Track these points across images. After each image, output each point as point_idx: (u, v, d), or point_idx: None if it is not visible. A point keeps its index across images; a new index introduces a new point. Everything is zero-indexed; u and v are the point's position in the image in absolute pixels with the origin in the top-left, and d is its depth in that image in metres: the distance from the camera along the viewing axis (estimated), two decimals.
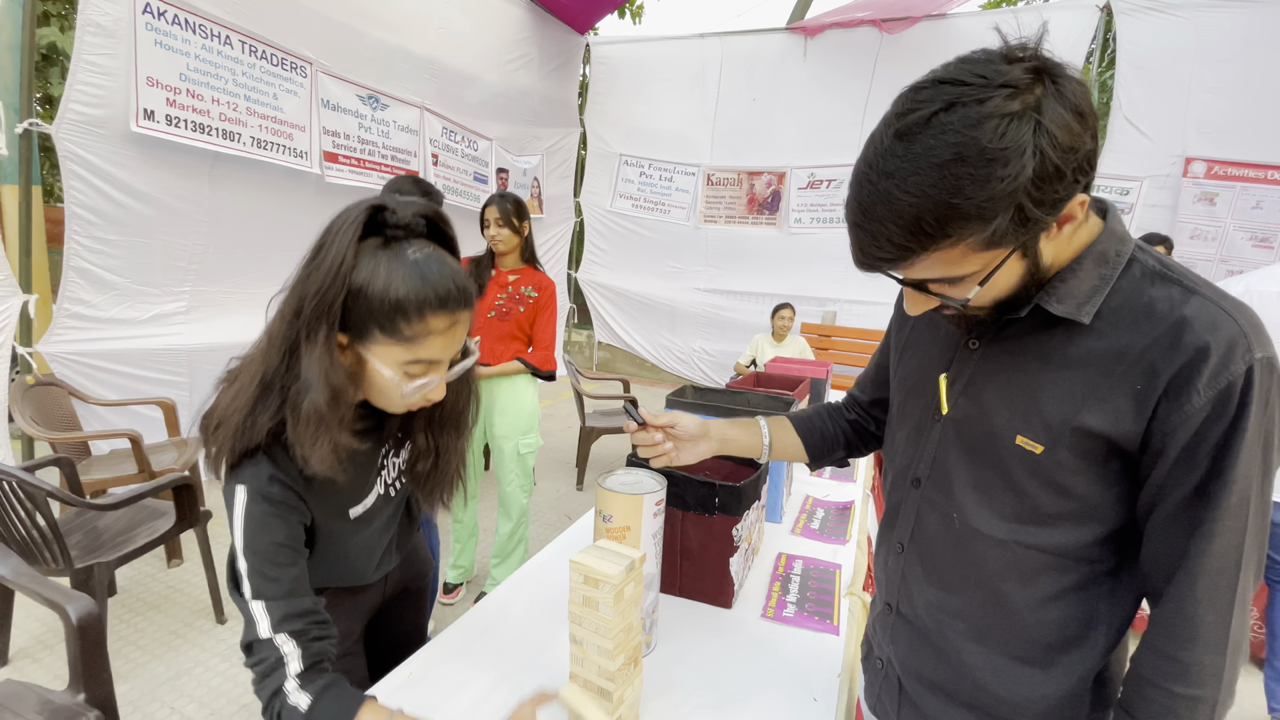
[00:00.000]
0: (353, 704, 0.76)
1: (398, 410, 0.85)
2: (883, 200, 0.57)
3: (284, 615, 0.77)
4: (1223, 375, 0.58)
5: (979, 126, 0.53)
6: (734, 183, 6.30)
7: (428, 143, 4.80)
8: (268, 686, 0.75)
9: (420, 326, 0.75)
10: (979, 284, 0.62)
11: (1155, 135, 4.93)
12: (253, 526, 0.77)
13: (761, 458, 1.06)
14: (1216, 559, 0.61)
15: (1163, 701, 0.64)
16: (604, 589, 0.82)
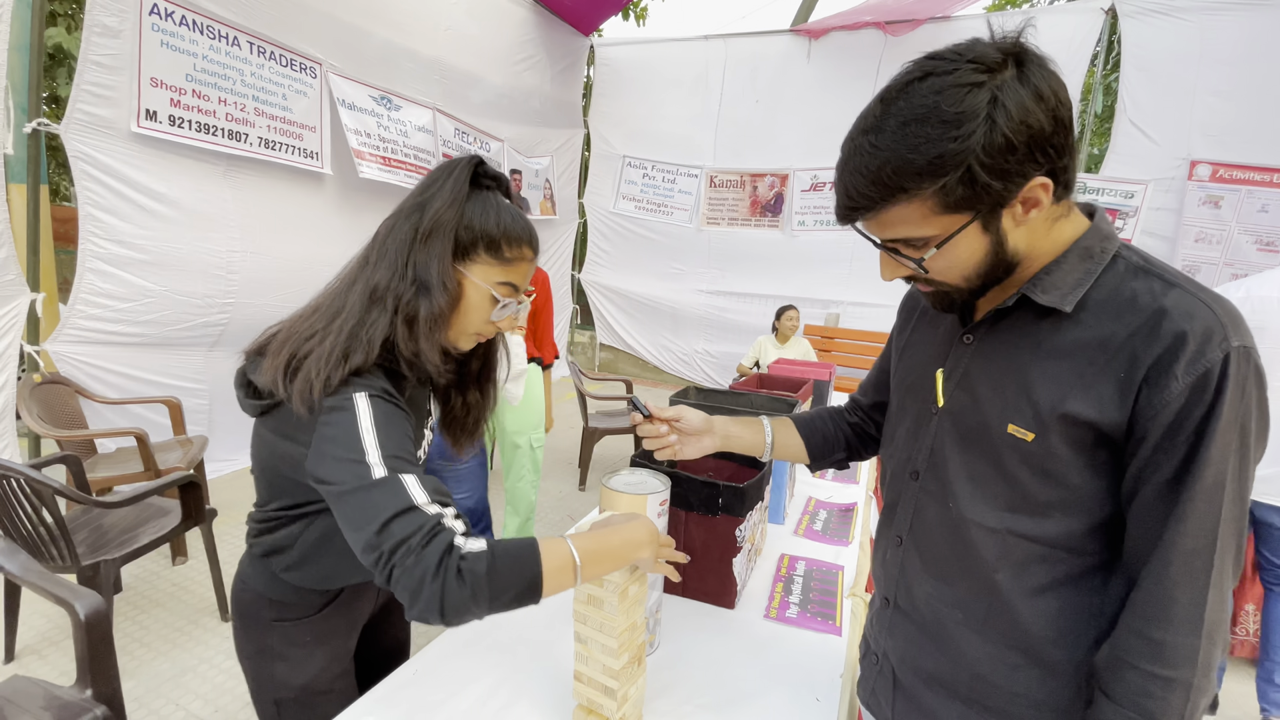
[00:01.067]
0: (528, 540, 0.75)
1: (469, 340, 0.95)
2: (857, 153, 0.65)
3: (434, 490, 0.74)
4: (1200, 362, 0.61)
5: (942, 93, 0.60)
6: (737, 185, 6.30)
7: (441, 143, 4.81)
8: (434, 549, 0.68)
9: (517, 252, 0.91)
10: (936, 246, 0.67)
11: (1160, 138, 4.92)
12: (382, 419, 0.77)
13: (764, 456, 1.08)
14: (1190, 539, 0.63)
15: (1138, 681, 0.65)
16: (608, 588, 0.82)
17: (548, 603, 1.20)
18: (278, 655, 0.97)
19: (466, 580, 0.68)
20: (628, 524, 0.85)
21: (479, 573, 0.68)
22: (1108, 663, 0.67)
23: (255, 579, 0.97)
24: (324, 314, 0.85)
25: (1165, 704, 0.64)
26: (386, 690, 0.97)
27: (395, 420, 0.79)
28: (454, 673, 1.02)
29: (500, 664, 1.04)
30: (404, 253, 0.86)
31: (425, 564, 0.67)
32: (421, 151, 4.61)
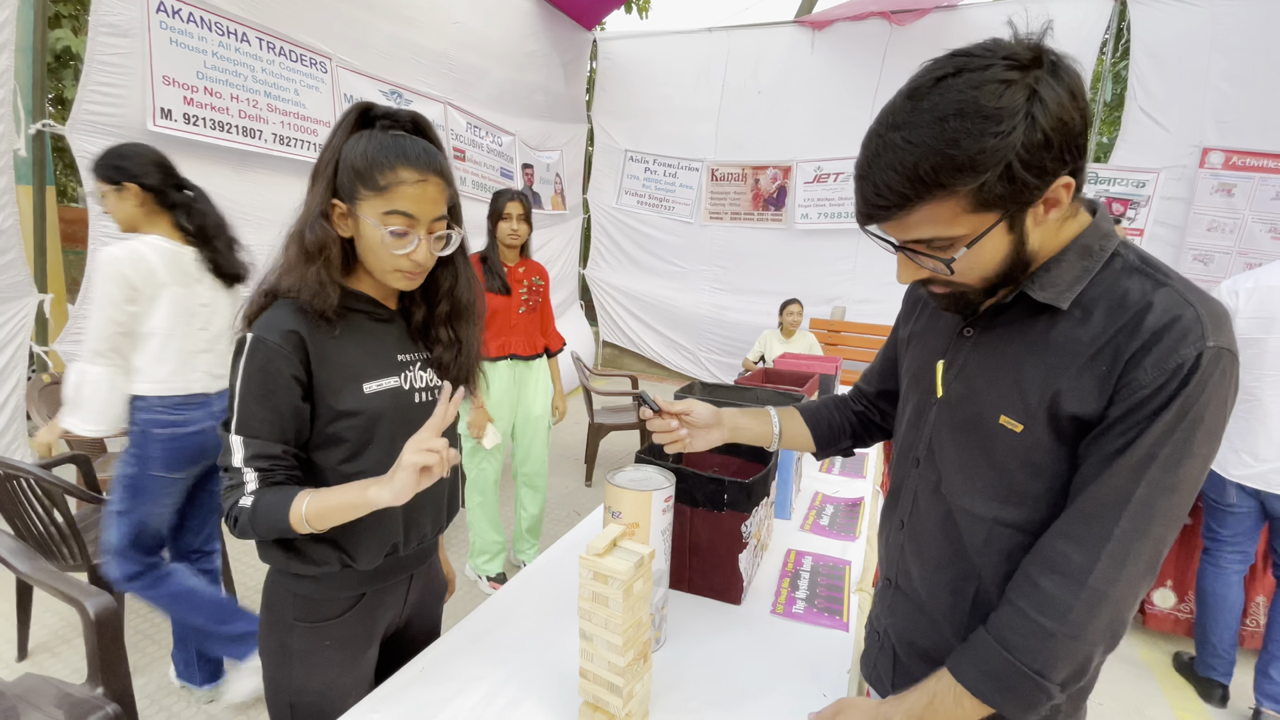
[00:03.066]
0: (288, 494, 0.87)
1: (392, 277, 0.94)
2: (888, 150, 0.63)
3: (255, 453, 0.88)
4: (1173, 356, 0.62)
5: (980, 88, 0.59)
6: (738, 178, 6.25)
7: (452, 138, 4.81)
8: (228, 499, 0.88)
9: (392, 176, 0.88)
10: (966, 246, 0.66)
11: (1172, 126, 4.85)
12: (254, 367, 0.87)
13: (771, 446, 1.10)
14: (1095, 505, 0.66)
15: (1009, 616, 0.70)
16: (613, 585, 0.82)
17: (554, 600, 1.22)
18: (296, 656, 0.97)
19: (240, 525, 0.88)
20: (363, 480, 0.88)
21: (244, 524, 0.88)
22: (1002, 599, 0.72)
23: (279, 574, 0.99)
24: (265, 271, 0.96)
25: (1024, 643, 0.68)
26: (393, 688, 0.98)
27: (267, 372, 0.87)
28: (460, 670, 1.02)
29: (507, 661, 1.04)
30: (303, 204, 0.93)
31: (224, 506, 0.89)
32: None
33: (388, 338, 1.01)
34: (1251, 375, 2.00)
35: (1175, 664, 2.44)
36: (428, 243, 0.93)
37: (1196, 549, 2.44)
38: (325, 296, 0.90)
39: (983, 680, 0.70)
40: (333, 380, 0.92)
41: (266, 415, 0.88)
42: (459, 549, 3.12)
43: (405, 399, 1.00)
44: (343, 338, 0.94)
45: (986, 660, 0.70)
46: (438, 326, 1.05)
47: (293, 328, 0.89)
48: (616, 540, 0.89)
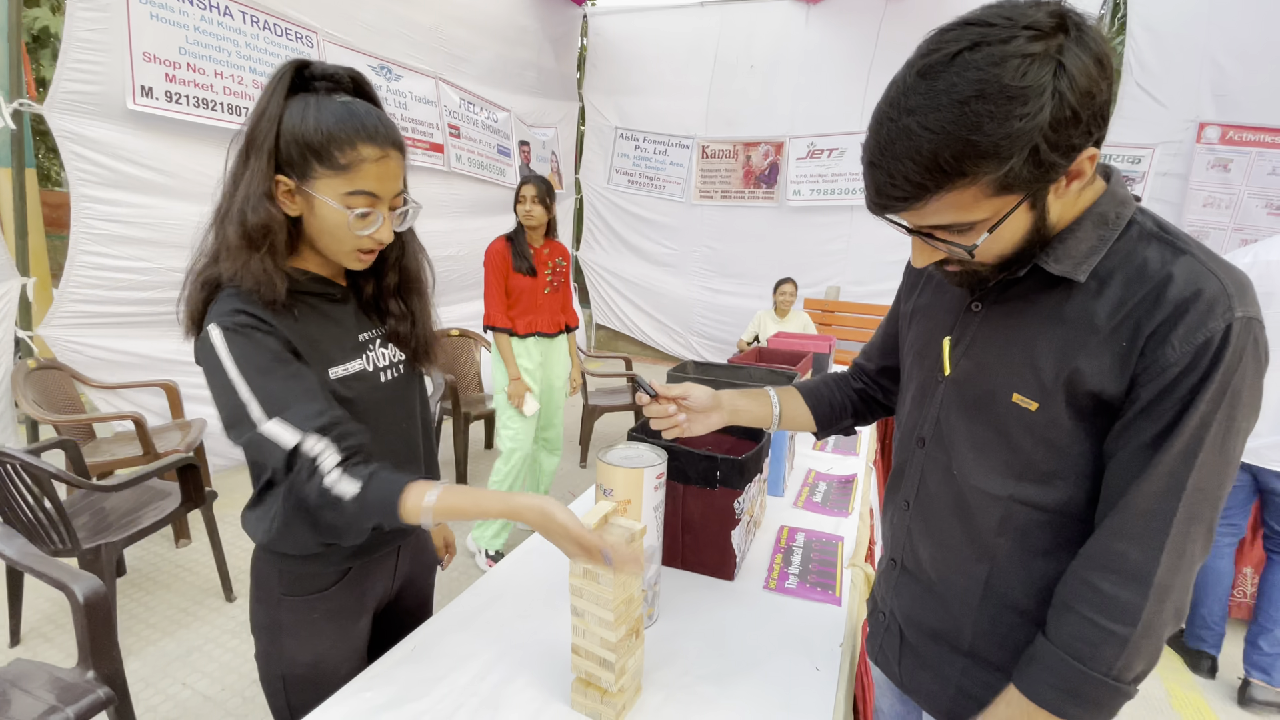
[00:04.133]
0: (399, 483, 0.80)
1: (349, 259, 0.89)
2: (902, 136, 0.58)
3: (303, 418, 0.78)
4: (1200, 331, 0.59)
5: (1002, 65, 0.54)
6: (729, 155, 6.18)
7: (446, 114, 4.71)
8: (312, 490, 0.77)
9: (353, 154, 0.82)
10: (988, 231, 0.63)
11: (1168, 101, 4.81)
12: (240, 350, 0.79)
13: (771, 428, 1.08)
14: (1149, 500, 0.63)
15: (1077, 626, 0.66)
16: None
17: (546, 578, 1.21)
18: (287, 630, 0.97)
19: (337, 515, 0.78)
20: (515, 499, 0.82)
21: (349, 508, 0.77)
22: (1055, 605, 0.69)
23: (265, 551, 0.97)
24: (194, 254, 0.87)
25: (1096, 652, 0.65)
26: (385, 666, 0.97)
27: (256, 342, 0.80)
28: (453, 648, 1.01)
29: (499, 639, 1.04)
30: (233, 176, 0.85)
31: (310, 500, 0.78)
32: (423, 124, 4.52)
33: (345, 318, 0.96)
34: None
35: None
36: (390, 220, 0.89)
37: None
38: (271, 287, 0.82)
39: (1061, 697, 0.66)
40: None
41: (289, 384, 0.79)
42: (454, 530, 3.12)
43: (371, 380, 0.97)
44: (304, 319, 0.88)
45: (1063, 676, 0.66)
46: (388, 299, 1.01)
47: (248, 308, 0.82)
48: (608, 516, 0.88)
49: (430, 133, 4.59)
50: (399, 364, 1.03)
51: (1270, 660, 2.07)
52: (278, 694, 1.00)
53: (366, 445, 0.83)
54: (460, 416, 3.53)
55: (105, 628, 1.38)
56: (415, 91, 4.46)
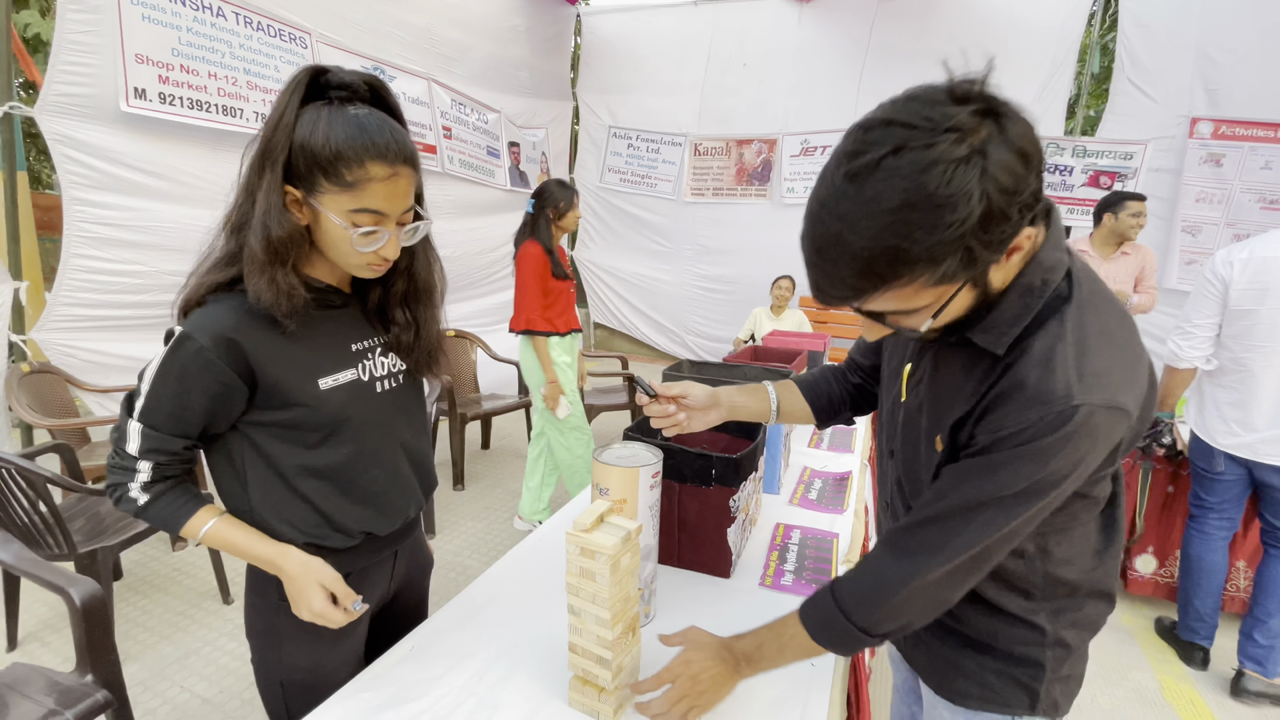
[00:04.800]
0: (191, 504, 0.89)
1: (359, 270, 0.89)
2: (835, 243, 0.60)
3: (154, 447, 0.85)
4: (1028, 413, 0.63)
5: (927, 172, 0.54)
6: (722, 152, 6.17)
7: (438, 115, 4.71)
8: (115, 479, 0.87)
9: (360, 173, 0.80)
10: (932, 316, 0.65)
11: (1160, 96, 4.83)
12: (178, 367, 0.82)
13: (770, 422, 1.11)
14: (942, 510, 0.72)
15: (853, 583, 0.79)
16: (600, 560, 0.82)
17: (543, 578, 1.22)
18: (285, 636, 0.97)
19: (122, 505, 0.88)
20: (287, 550, 0.90)
21: (131, 512, 0.89)
22: (855, 565, 0.81)
23: None
24: (199, 256, 0.88)
25: (857, 607, 0.77)
26: (383, 667, 0.97)
27: (188, 371, 0.82)
28: (450, 648, 1.02)
29: (497, 639, 1.04)
30: (247, 184, 0.84)
31: (109, 483, 0.88)
32: (416, 125, 4.50)
33: (340, 326, 0.95)
34: (1243, 346, 2.01)
35: (1157, 628, 2.49)
36: (397, 236, 0.87)
37: (1177, 515, 2.49)
38: (291, 300, 0.83)
39: (816, 626, 0.81)
40: (285, 378, 0.87)
41: (174, 411, 0.84)
42: (450, 531, 3.12)
43: (365, 391, 0.96)
44: (294, 333, 0.87)
45: (826, 619, 0.79)
46: (394, 307, 0.99)
47: (231, 335, 0.82)
48: (604, 516, 0.88)
49: (423, 134, 4.59)
50: (398, 374, 1.02)
51: (1265, 652, 2.08)
52: (276, 700, 1.00)
53: (186, 474, 0.92)
54: (456, 417, 3.53)
55: (102, 631, 1.38)
56: (408, 92, 4.45)
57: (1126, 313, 0.70)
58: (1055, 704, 0.82)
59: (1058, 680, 0.81)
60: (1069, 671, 0.82)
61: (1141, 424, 0.69)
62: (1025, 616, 0.80)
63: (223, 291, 0.86)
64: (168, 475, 0.89)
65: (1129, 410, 0.63)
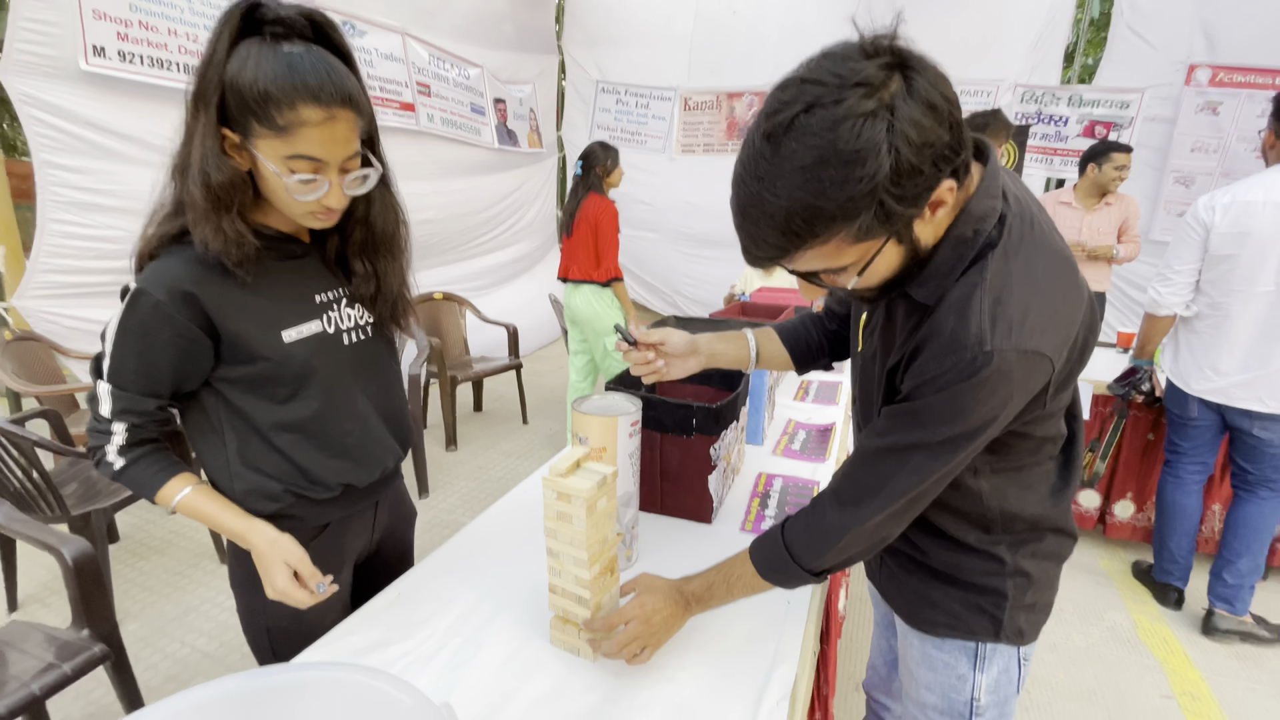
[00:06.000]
0: (166, 471, 0.89)
1: (304, 219, 0.86)
2: (755, 203, 0.60)
3: (125, 408, 0.85)
4: (944, 359, 0.65)
5: (836, 129, 0.55)
6: (712, 106, 6.04)
7: (415, 72, 4.55)
8: (94, 442, 0.87)
9: (292, 116, 0.75)
10: (858, 274, 0.66)
11: (1158, 42, 4.73)
12: (135, 323, 0.81)
13: (749, 369, 1.13)
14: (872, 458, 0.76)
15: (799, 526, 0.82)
16: (576, 503, 0.83)
17: (526, 529, 1.23)
18: None
19: (102, 470, 0.89)
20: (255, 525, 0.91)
21: (109, 476, 0.89)
22: (802, 509, 0.83)
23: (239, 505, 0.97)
24: (151, 206, 0.86)
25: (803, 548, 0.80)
26: (369, 613, 0.99)
27: (149, 327, 0.81)
28: (436, 593, 1.04)
29: (481, 584, 1.07)
30: (187, 127, 0.80)
31: (89, 446, 0.89)
32: (390, 82, 4.35)
33: (303, 276, 0.93)
34: (1221, 291, 2.02)
35: (1134, 571, 2.57)
36: (340, 184, 0.83)
37: (1156, 462, 2.53)
38: (243, 246, 0.81)
39: (764, 564, 0.84)
40: (247, 331, 0.86)
41: (141, 368, 0.83)
42: (443, 490, 3.16)
43: (331, 343, 0.94)
44: (253, 281, 0.85)
45: (774, 558, 0.83)
46: (352, 257, 0.96)
47: (186, 288, 0.80)
48: (580, 461, 0.89)
49: (399, 91, 4.42)
50: (366, 325, 1.00)
51: (1233, 591, 2.15)
52: (263, 648, 1.02)
53: (164, 434, 0.92)
54: (446, 379, 3.53)
55: (96, 587, 1.40)
56: (381, 48, 4.27)
57: (1064, 255, 0.69)
58: (1020, 631, 0.84)
59: (1021, 609, 0.84)
60: (1033, 600, 0.84)
61: (1072, 366, 0.70)
62: (985, 549, 0.82)
63: (176, 244, 0.84)
64: (144, 439, 0.89)
65: (1046, 354, 0.64)
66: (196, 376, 0.88)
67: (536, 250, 6.29)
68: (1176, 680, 2.00)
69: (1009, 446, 0.75)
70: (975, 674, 0.86)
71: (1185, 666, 2.07)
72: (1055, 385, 0.68)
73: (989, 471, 0.77)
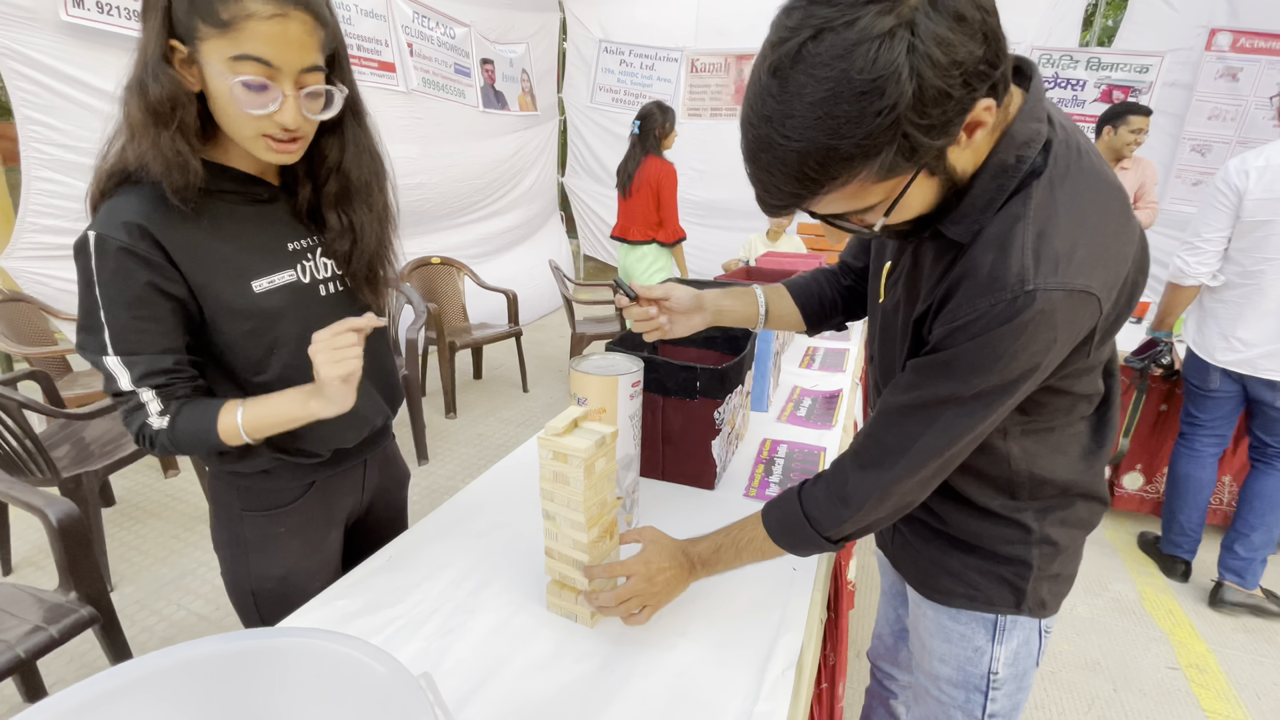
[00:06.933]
0: (212, 407, 0.81)
1: (257, 146, 0.77)
2: (765, 147, 0.55)
3: (145, 372, 0.77)
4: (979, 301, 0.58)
5: (848, 56, 0.48)
6: (720, 68, 5.85)
7: (400, 30, 4.38)
8: (132, 423, 0.80)
9: (236, 8, 0.68)
10: (885, 213, 0.60)
11: (1180, 4, 4.55)
12: (109, 275, 0.74)
13: (757, 327, 1.05)
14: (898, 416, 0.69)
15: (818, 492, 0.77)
16: (573, 463, 0.78)
17: (527, 491, 1.19)
18: (251, 546, 0.95)
19: (158, 445, 0.81)
20: (299, 387, 0.82)
21: (164, 444, 0.81)
22: (817, 475, 0.79)
23: (220, 469, 0.93)
24: (103, 141, 0.78)
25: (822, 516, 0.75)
26: (359, 576, 0.96)
27: (126, 272, 0.74)
28: (428, 558, 1.00)
29: (474, 549, 1.03)
30: (137, 46, 0.73)
31: (130, 429, 0.81)
32: (368, 41, 4.17)
33: (272, 222, 0.86)
34: (1253, 259, 1.94)
35: (1140, 543, 2.54)
36: (296, 100, 0.74)
37: (1168, 434, 2.49)
38: (186, 170, 0.73)
39: (778, 530, 0.79)
40: (211, 282, 0.79)
41: (142, 325, 0.76)
42: (442, 457, 3.13)
43: (308, 294, 0.88)
44: (216, 227, 0.79)
45: (790, 523, 0.78)
46: (326, 209, 0.88)
47: (137, 220, 0.74)
48: (578, 421, 0.84)
49: (379, 50, 4.24)
50: (344, 276, 0.94)
51: (1245, 564, 2.13)
52: (249, 610, 0.99)
53: (198, 394, 0.83)
54: (445, 345, 3.48)
55: (83, 549, 1.37)
56: (362, 4, 4.08)
57: (1115, 185, 0.62)
58: (1042, 602, 0.80)
59: (1045, 579, 0.79)
60: (1059, 570, 0.80)
61: (1120, 310, 0.63)
62: (1010, 515, 0.77)
63: (131, 184, 0.77)
64: (179, 396, 0.80)
65: (1095, 294, 0.57)
66: (195, 327, 0.82)
67: (536, 217, 6.16)
68: (1183, 652, 1.99)
69: (1042, 405, 0.69)
70: (994, 646, 0.82)
71: (1191, 639, 2.05)
72: (1102, 331, 0.62)
73: (1019, 433, 0.72)
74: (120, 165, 0.76)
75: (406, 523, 1.20)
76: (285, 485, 0.94)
